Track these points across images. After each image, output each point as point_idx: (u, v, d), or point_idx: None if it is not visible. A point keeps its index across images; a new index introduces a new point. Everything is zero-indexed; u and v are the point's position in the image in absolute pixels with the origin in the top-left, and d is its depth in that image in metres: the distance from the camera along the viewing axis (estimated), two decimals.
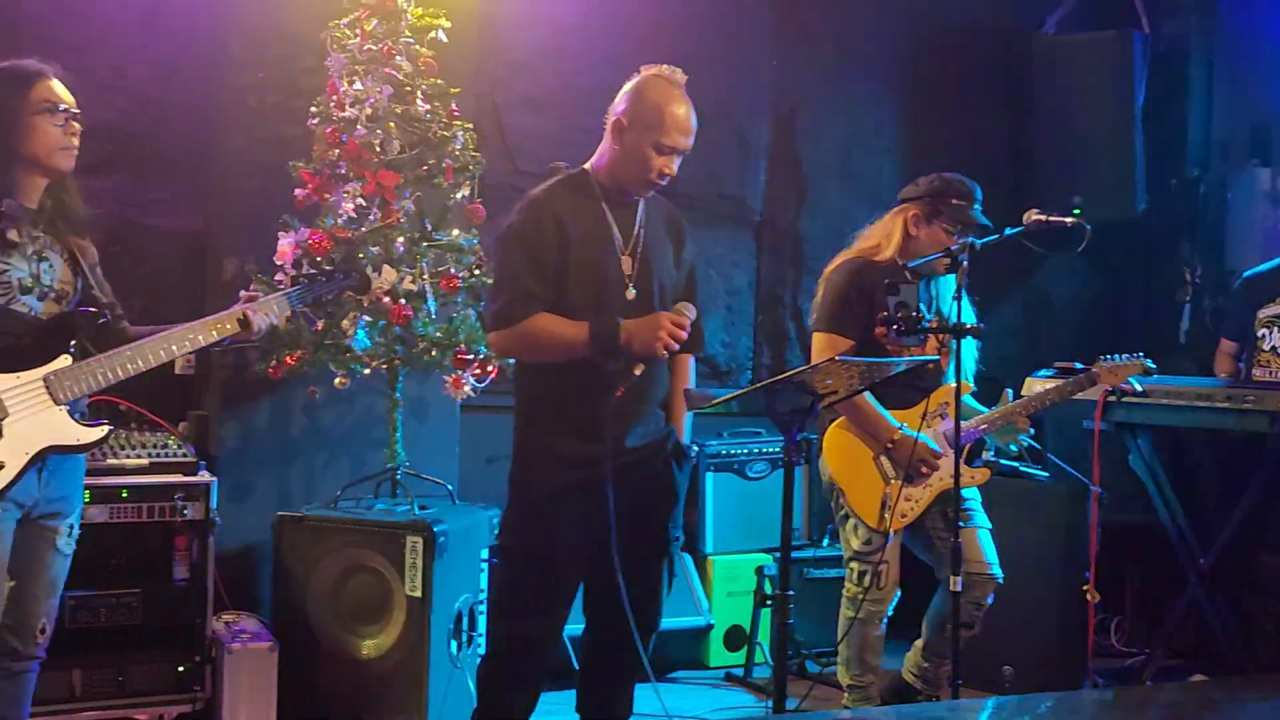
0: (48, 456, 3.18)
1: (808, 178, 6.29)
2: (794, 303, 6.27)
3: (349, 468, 4.78)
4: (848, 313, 4.19)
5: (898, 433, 4.12)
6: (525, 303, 3.40)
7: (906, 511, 4.17)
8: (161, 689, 4.20)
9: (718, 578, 5.47)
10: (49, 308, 3.25)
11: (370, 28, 4.40)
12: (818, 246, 6.09)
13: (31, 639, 3.32)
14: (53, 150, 3.21)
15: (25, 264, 3.20)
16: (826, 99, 6.30)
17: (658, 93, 3.46)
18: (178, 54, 4.94)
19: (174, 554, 4.25)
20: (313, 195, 4.37)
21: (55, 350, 3.20)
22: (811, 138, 6.29)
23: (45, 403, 3.16)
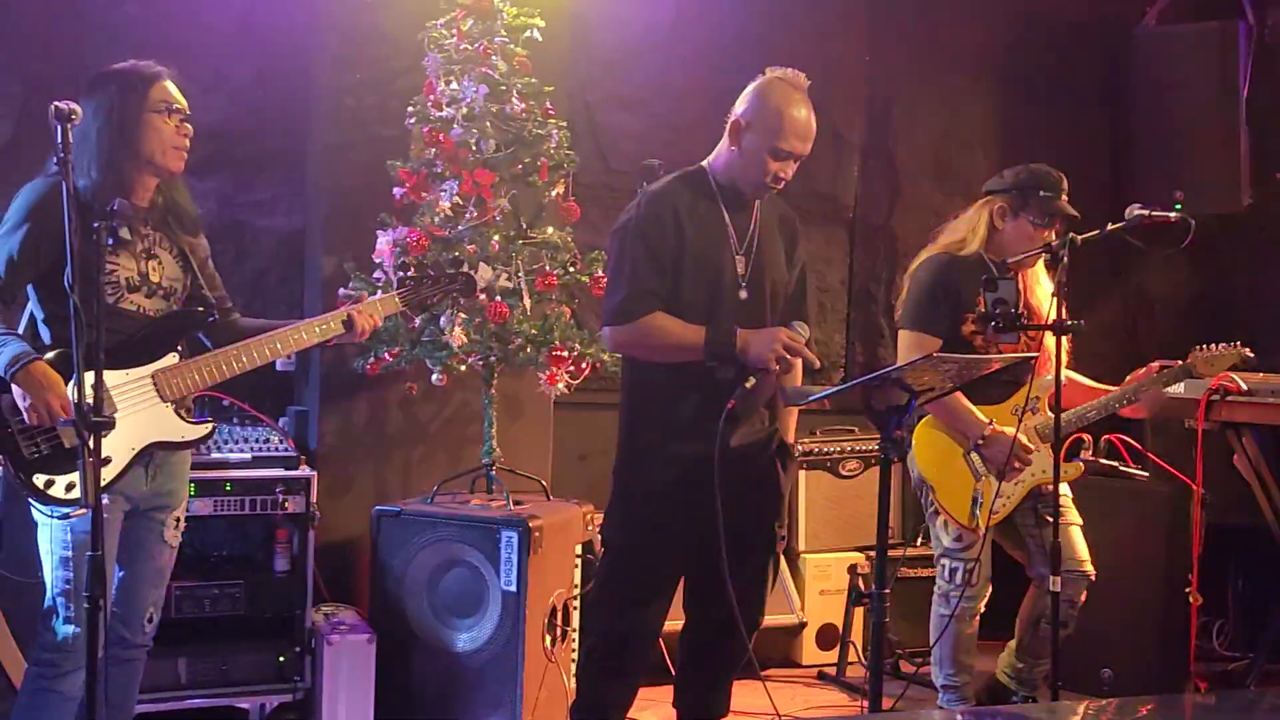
0: (154, 452, 3.27)
1: (901, 174, 6.24)
2: (887, 300, 6.22)
3: (445, 463, 4.83)
4: (934, 309, 4.16)
5: (988, 429, 4.08)
6: (644, 299, 3.43)
7: (998, 508, 4.13)
8: (263, 678, 4.28)
9: (810, 576, 5.45)
10: (157, 305, 3.33)
11: (466, 28, 4.44)
12: (911, 243, 6.01)
13: (139, 628, 3.40)
14: (166, 149, 3.28)
15: (134, 262, 3.28)
16: (921, 94, 6.24)
17: (779, 96, 3.47)
18: (276, 56, 5.04)
19: (275, 546, 4.35)
20: (410, 194, 4.43)
21: (164, 348, 3.28)
22: (905, 133, 6.24)
23: (152, 399, 3.24)
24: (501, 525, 4.19)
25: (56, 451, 3.10)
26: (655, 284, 3.43)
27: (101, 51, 4.76)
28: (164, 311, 3.34)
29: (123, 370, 3.17)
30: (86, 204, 3.04)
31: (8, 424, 3.08)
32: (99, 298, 2.88)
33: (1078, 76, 6.41)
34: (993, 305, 3.65)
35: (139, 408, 3.20)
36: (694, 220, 3.46)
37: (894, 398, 3.15)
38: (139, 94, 3.26)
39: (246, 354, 3.33)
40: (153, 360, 3.26)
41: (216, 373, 3.31)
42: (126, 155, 3.24)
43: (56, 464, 3.10)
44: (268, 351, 3.36)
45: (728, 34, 5.61)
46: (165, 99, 3.29)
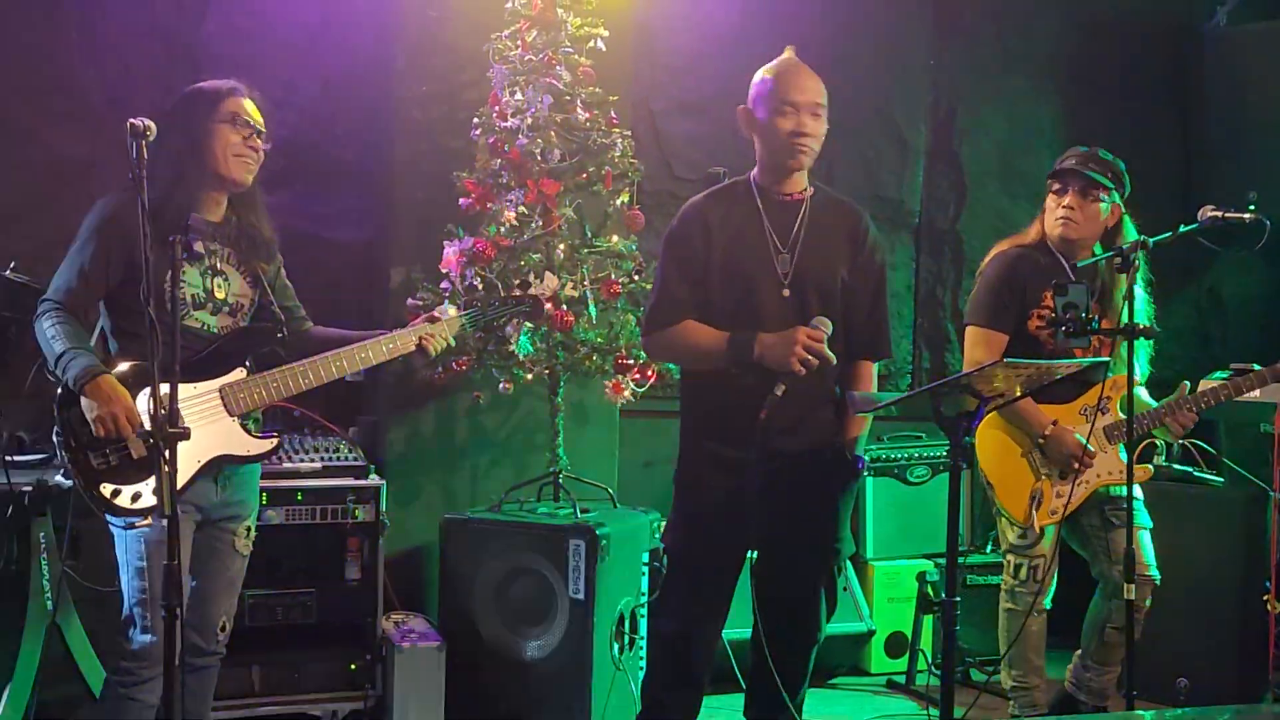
0: (221, 464, 3.31)
1: (967, 178, 6.20)
2: (954, 305, 6.18)
3: (511, 471, 4.86)
4: (1001, 306, 4.14)
5: (1049, 428, 4.03)
6: (671, 308, 3.48)
7: (1057, 508, 4.08)
8: (335, 686, 4.32)
9: (878, 583, 5.42)
10: (223, 321, 3.38)
11: (531, 39, 4.47)
12: (978, 247, 5.98)
13: (213, 636, 3.45)
14: (229, 156, 3.32)
15: (200, 279, 3.33)
16: (986, 97, 6.19)
17: (766, 69, 3.54)
18: (345, 70, 5.11)
19: (346, 555, 4.38)
20: (476, 204, 4.46)
21: (232, 363, 3.34)
22: (971, 137, 6.20)
23: (219, 413, 3.30)
24: (569, 533, 4.21)
25: (124, 463, 3.16)
26: (683, 293, 3.48)
27: (179, 68, 4.88)
28: (229, 328, 3.39)
29: (191, 384, 3.22)
30: (157, 218, 3.09)
31: (77, 435, 3.15)
32: (173, 311, 2.93)
33: (1146, 77, 6.33)
34: (1063, 310, 3.61)
35: (206, 421, 3.25)
36: (726, 227, 3.48)
37: (963, 404, 3.13)
38: (209, 106, 3.33)
39: (314, 371, 3.38)
40: (221, 375, 3.32)
41: (283, 388, 3.36)
42: (194, 166, 3.30)
43: (123, 475, 3.16)
44: (334, 369, 3.41)
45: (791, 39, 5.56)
46: (235, 111, 3.34)
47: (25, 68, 4.74)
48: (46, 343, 3.17)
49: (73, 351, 3.12)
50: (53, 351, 3.15)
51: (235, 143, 3.33)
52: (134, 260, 3.02)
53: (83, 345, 3.17)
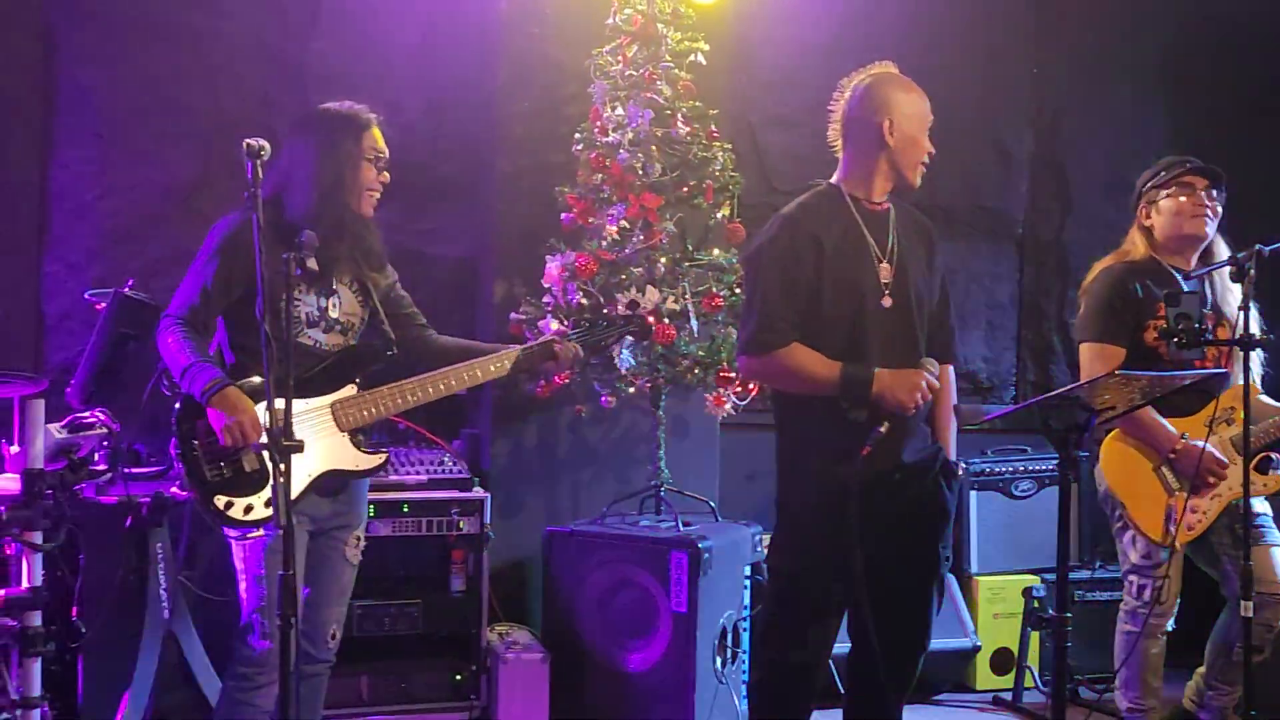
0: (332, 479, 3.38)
1: (1072, 187, 6.11)
2: (1059, 316, 6.09)
3: (613, 484, 4.88)
4: (1113, 319, 4.06)
5: (1180, 442, 3.95)
6: (777, 330, 3.37)
7: (1193, 524, 3.99)
8: (440, 696, 4.37)
9: (983, 598, 5.34)
10: (334, 339, 3.45)
11: (632, 54, 4.50)
12: (1083, 258, 5.86)
13: (323, 643, 3.51)
14: (362, 193, 3.42)
15: (314, 297, 3.40)
16: (1091, 105, 6.10)
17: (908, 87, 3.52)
18: (449, 88, 5.18)
19: (451, 566, 4.43)
20: (578, 219, 4.50)
21: (343, 380, 3.41)
22: (1075, 145, 6.11)
23: (330, 428, 3.36)
24: (671, 546, 4.21)
25: (237, 475, 3.24)
26: (788, 311, 3.37)
27: (288, 87, 5.00)
28: (340, 346, 3.46)
29: (303, 400, 3.28)
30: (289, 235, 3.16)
31: (194, 447, 3.23)
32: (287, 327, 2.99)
33: (1256, 82, 6.19)
34: (1175, 320, 3.53)
35: (317, 436, 3.31)
36: (831, 236, 3.42)
37: (1073, 417, 3.08)
38: (354, 139, 3.40)
39: (422, 389, 3.44)
40: (332, 391, 3.38)
41: (393, 405, 3.42)
42: (338, 193, 3.37)
43: (236, 487, 3.24)
44: (442, 386, 3.47)
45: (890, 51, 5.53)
46: (375, 146, 3.43)
47: (140, 89, 4.88)
48: (171, 356, 3.25)
49: (197, 365, 3.21)
50: (177, 364, 3.23)
51: (371, 179, 3.42)
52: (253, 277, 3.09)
53: (207, 358, 3.26)
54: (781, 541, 3.56)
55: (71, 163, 4.85)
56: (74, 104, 4.84)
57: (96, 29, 4.84)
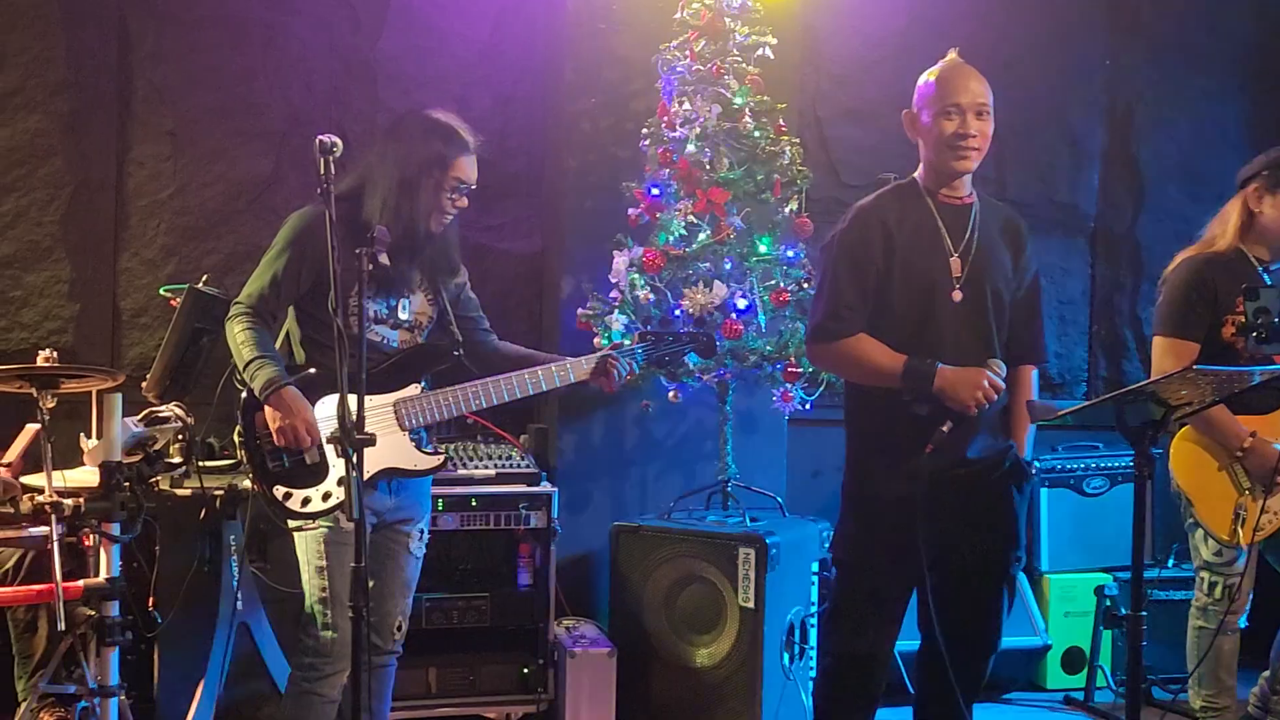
0: (390, 477, 3.40)
1: (1146, 180, 6.02)
2: (1132, 311, 6.00)
3: (680, 479, 4.88)
4: (1190, 314, 3.98)
5: (1248, 440, 3.87)
6: (844, 320, 3.38)
7: (1264, 525, 3.91)
8: (508, 689, 4.40)
9: (1054, 597, 5.28)
10: (402, 337, 3.47)
11: (699, 48, 4.49)
12: (1157, 252, 5.80)
13: (390, 635, 3.54)
14: (432, 213, 3.40)
15: (385, 295, 3.42)
16: (1165, 96, 6.00)
17: (929, 73, 3.46)
18: (516, 84, 5.20)
19: (518, 560, 4.45)
20: (645, 214, 4.49)
21: (408, 379, 3.43)
22: (1150, 138, 6.01)
23: (392, 427, 3.39)
24: (739, 542, 4.20)
25: (297, 468, 3.29)
26: (856, 301, 3.37)
27: (357, 86, 5.04)
28: (408, 343, 3.48)
29: (368, 396, 3.30)
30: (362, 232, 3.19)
31: (257, 437, 3.28)
32: (359, 322, 3.02)
33: None
34: (1254, 315, 3.46)
35: (379, 434, 3.31)
36: (904, 228, 3.40)
37: (1149, 413, 3.03)
38: (441, 163, 3.38)
39: (485, 393, 3.46)
40: (397, 389, 3.40)
41: (456, 408, 3.44)
42: (410, 207, 3.37)
43: (296, 479, 3.29)
44: (505, 392, 3.47)
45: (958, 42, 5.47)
46: (460, 177, 3.40)
47: (215, 88, 4.95)
48: (236, 347, 3.31)
49: (260, 360, 3.25)
50: (241, 357, 3.29)
51: (442, 203, 3.40)
52: (324, 271, 3.12)
53: (269, 353, 3.30)
54: (845, 532, 3.56)
55: (146, 160, 4.92)
56: (148, 102, 4.92)
57: (170, 28, 4.91)
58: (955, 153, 3.39)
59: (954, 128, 3.36)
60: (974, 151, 3.40)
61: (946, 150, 3.39)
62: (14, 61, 4.79)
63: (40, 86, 4.81)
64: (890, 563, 3.42)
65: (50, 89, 4.81)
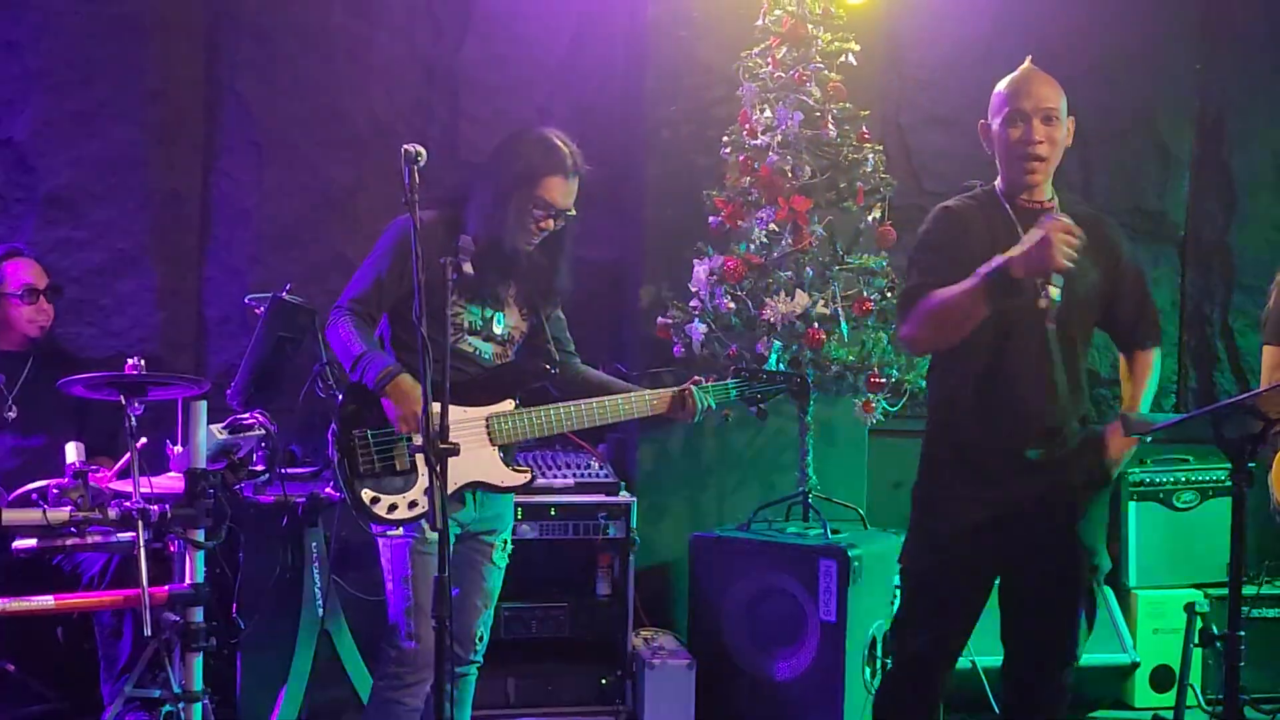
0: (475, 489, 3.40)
1: (1238, 188, 5.87)
2: (1223, 321, 5.86)
3: (758, 490, 4.84)
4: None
5: None
6: (921, 286, 3.26)
7: None
8: (586, 699, 4.39)
9: (1143, 613, 5.16)
10: (495, 349, 3.47)
11: (781, 55, 4.45)
12: (1249, 261, 5.67)
13: (471, 645, 3.53)
14: (517, 230, 3.38)
15: (478, 306, 3.42)
16: (1258, 102, 5.84)
17: (1001, 82, 3.36)
18: (597, 93, 5.20)
19: (597, 571, 4.45)
20: (726, 222, 4.47)
21: (503, 394, 3.43)
22: (1241, 145, 5.86)
23: (482, 441, 3.38)
24: (820, 554, 4.15)
25: (387, 471, 3.29)
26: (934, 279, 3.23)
27: (438, 94, 5.06)
28: (501, 356, 3.48)
29: (461, 408, 3.31)
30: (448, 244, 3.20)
31: (352, 437, 3.29)
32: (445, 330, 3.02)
33: None
34: None
35: (469, 447, 3.31)
36: (986, 230, 3.29)
37: (1247, 425, 2.94)
38: (529, 184, 3.37)
39: (577, 416, 3.44)
40: (491, 403, 3.40)
41: (546, 426, 3.43)
42: (496, 221, 3.37)
43: (384, 483, 3.28)
44: (595, 416, 3.46)
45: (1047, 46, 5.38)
46: (548, 198, 3.38)
47: (300, 98, 5.01)
48: (342, 344, 3.32)
49: (369, 354, 3.27)
50: (349, 353, 3.30)
51: (527, 223, 3.38)
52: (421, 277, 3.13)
53: (378, 348, 3.32)
54: (914, 539, 3.47)
55: (232, 170, 4.98)
56: (234, 112, 4.98)
57: (256, 38, 4.97)
58: (1021, 159, 3.28)
59: (1019, 134, 3.28)
60: (1039, 157, 3.30)
61: (1013, 158, 3.30)
62: (104, 72, 4.87)
63: (130, 97, 4.88)
64: (963, 572, 3.34)
65: (139, 99, 4.89)
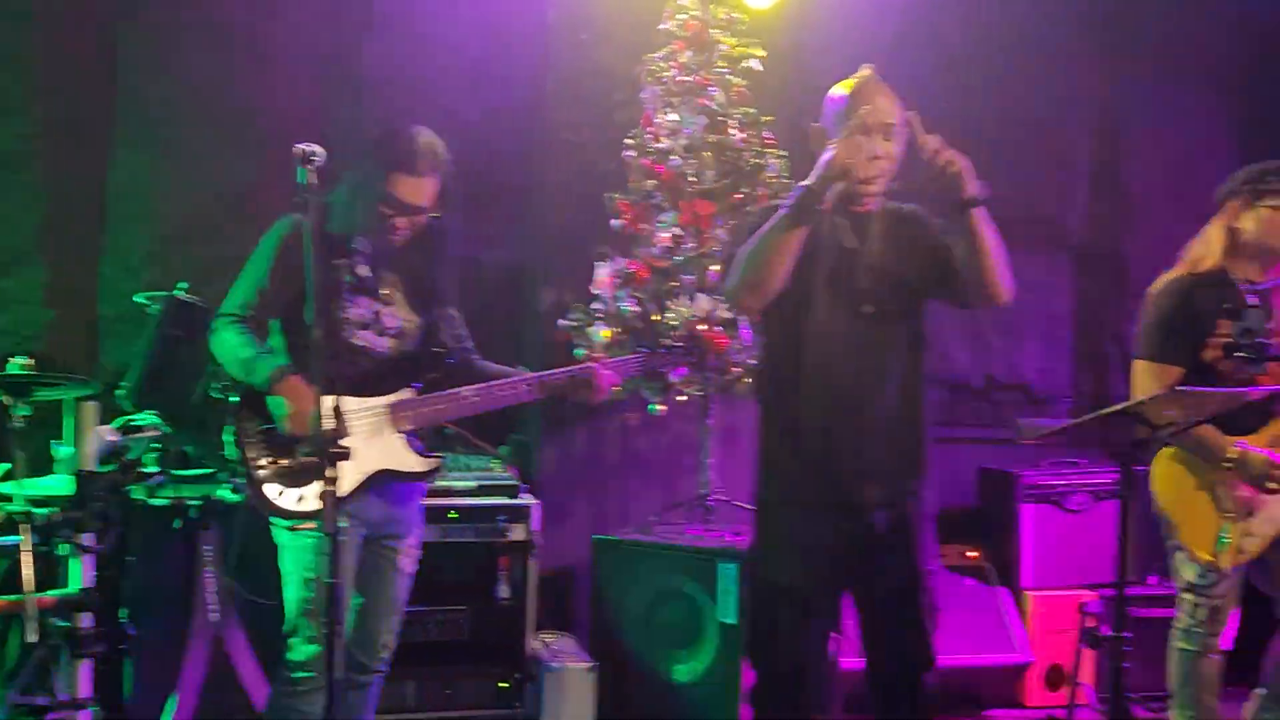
0: (385, 480, 3.36)
1: (1133, 197, 6.01)
2: (1116, 327, 5.99)
3: (662, 493, 4.85)
4: (1173, 336, 3.93)
5: (1234, 448, 3.82)
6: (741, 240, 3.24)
7: (1246, 547, 3.87)
8: (485, 703, 4.36)
9: (1035, 614, 5.26)
10: (389, 343, 3.43)
11: (684, 60, 4.47)
12: (1143, 269, 5.73)
13: (376, 654, 3.50)
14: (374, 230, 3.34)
15: (368, 302, 3.39)
16: (1154, 113, 5.99)
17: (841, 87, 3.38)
18: (503, 97, 5.15)
19: (498, 574, 4.41)
20: (629, 225, 4.47)
21: (400, 383, 3.40)
22: (1137, 155, 6.00)
23: (386, 429, 3.35)
24: (719, 557, 4.17)
25: (290, 465, 3.25)
26: None
27: (343, 92, 5.00)
28: (395, 350, 3.44)
29: (359, 399, 3.28)
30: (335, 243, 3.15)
31: (250, 435, 3.25)
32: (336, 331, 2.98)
33: None
34: (1239, 335, 3.45)
35: (371, 435, 3.31)
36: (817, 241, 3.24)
37: (1134, 432, 3.01)
38: (379, 182, 3.31)
39: (480, 398, 3.42)
40: (389, 392, 3.38)
41: (450, 411, 3.41)
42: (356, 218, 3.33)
43: (289, 477, 3.25)
44: (500, 397, 3.45)
45: (948, 55, 5.51)
46: (399, 196, 3.30)
47: (199, 95, 4.91)
48: (230, 350, 3.27)
49: (259, 355, 3.24)
50: (238, 357, 3.25)
51: (380, 221, 3.34)
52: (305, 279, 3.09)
53: (267, 349, 3.28)
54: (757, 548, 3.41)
55: (127, 167, 4.88)
56: (131, 108, 4.88)
57: (154, 34, 4.87)
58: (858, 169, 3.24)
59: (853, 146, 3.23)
60: (879, 177, 3.27)
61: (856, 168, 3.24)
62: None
63: (23, 90, 4.76)
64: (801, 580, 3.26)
65: (33, 93, 4.77)
